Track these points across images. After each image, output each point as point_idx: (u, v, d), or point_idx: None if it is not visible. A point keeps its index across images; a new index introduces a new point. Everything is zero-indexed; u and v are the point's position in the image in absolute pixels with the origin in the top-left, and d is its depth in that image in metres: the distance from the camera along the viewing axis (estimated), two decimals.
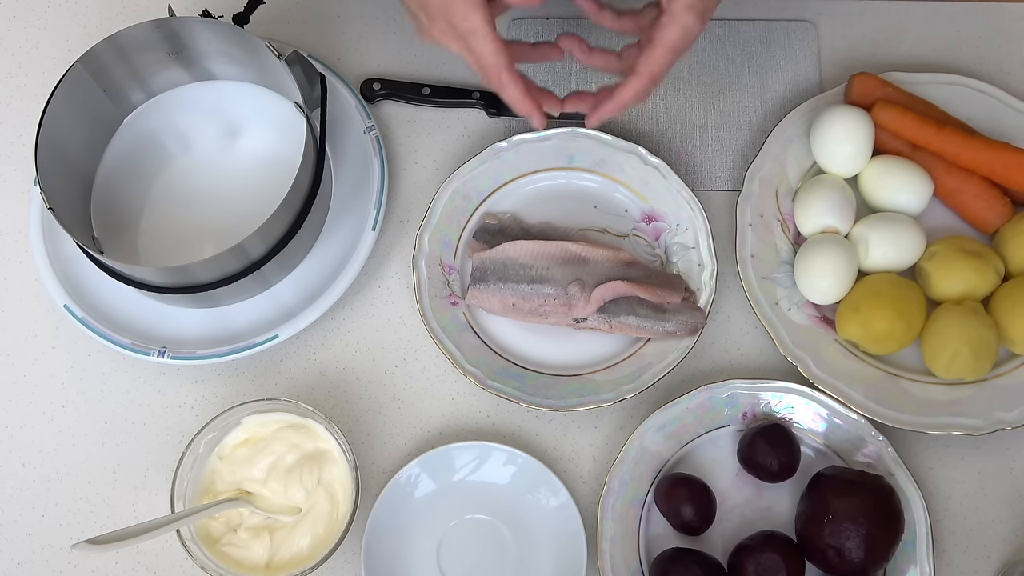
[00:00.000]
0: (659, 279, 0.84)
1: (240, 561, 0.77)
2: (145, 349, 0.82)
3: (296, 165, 0.78)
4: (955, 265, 0.81)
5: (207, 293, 0.81)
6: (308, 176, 0.81)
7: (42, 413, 0.85)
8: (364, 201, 0.86)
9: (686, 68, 0.93)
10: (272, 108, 0.89)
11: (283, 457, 0.79)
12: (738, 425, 0.81)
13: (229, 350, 0.82)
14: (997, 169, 0.83)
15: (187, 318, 0.85)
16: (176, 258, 0.85)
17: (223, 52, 0.86)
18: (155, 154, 0.89)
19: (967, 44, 0.93)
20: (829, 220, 0.83)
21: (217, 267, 0.79)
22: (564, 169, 0.89)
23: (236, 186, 0.88)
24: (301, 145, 0.79)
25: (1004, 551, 0.80)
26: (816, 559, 0.75)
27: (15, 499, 0.83)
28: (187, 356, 0.82)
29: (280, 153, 0.87)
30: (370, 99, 0.91)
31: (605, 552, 0.77)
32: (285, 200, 0.78)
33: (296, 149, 0.79)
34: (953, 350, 0.79)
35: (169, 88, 0.90)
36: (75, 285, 0.85)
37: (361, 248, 0.85)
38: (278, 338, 0.82)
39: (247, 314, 0.85)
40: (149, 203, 0.88)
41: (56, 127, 0.81)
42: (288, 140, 0.87)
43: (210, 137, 0.90)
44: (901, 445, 0.81)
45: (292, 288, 0.85)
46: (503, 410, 0.84)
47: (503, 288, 0.84)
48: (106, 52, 0.82)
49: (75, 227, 0.80)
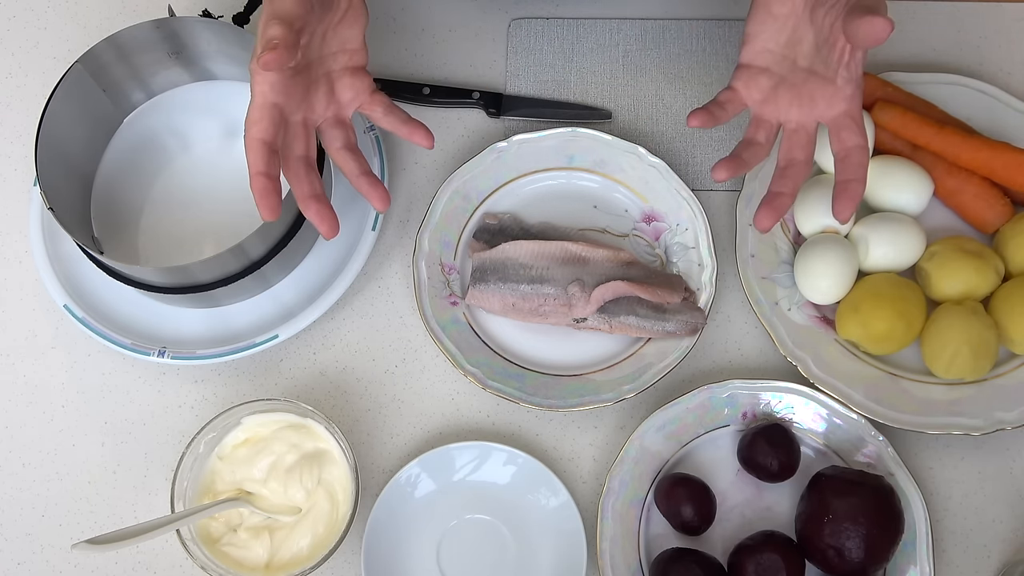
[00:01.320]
0: (659, 279, 0.84)
1: (240, 561, 0.77)
2: (145, 349, 0.82)
3: None
4: (955, 265, 0.81)
5: (207, 293, 0.81)
6: None
7: (42, 413, 0.85)
8: (364, 202, 0.86)
9: (686, 68, 0.93)
10: None
11: (283, 457, 0.79)
12: (738, 425, 0.81)
13: (229, 350, 0.82)
14: (997, 169, 0.83)
15: (187, 318, 0.85)
16: (176, 258, 0.85)
17: (223, 52, 0.86)
18: (155, 154, 0.89)
19: (967, 44, 0.93)
20: (829, 220, 0.83)
21: (217, 267, 0.79)
22: (564, 169, 0.89)
23: (236, 186, 0.88)
24: None
25: (1004, 551, 0.80)
26: (816, 559, 0.75)
27: (15, 499, 0.83)
28: (187, 356, 0.82)
29: None
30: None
31: (605, 552, 0.77)
32: (285, 200, 0.77)
33: None
34: (953, 350, 0.79)
35: (169, 88, 0.90)
36: (75, 285, 0.85)
37: (361, 248, 0.85)
38: (278, 338, 0.82)
39: (247, 314, 0.85)
40: (149, 203, 0.88)
41: (56, 127, 0.81)
42: None
43: (210, 137, 0.90)
44: (901, 445, 0.81)
45: (292, 288, 0.85)
46: (503, 410, 0.84)
47: (503, 288, 0.84)
48: (106, 52, 0.82)
49: (75, 227, 0.80)
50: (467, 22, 0.95)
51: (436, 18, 0.95)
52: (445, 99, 0.92)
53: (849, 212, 0.70)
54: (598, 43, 0.94)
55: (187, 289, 0.80)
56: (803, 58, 0.72)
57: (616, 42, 0.94)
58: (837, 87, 0.71)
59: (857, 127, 0.70)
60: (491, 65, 0.94)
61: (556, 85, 0.93)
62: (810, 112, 0.72)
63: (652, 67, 0.93)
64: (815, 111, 0.72)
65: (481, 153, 0.87)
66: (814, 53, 0.71)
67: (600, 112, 0.91)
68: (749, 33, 0.73)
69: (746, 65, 0.73)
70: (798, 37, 0.72)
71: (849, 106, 0.71)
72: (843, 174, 0.71)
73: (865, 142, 0.71)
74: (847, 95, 0.71)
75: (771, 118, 0.73)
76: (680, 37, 0.93)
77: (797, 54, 0.72)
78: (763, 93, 0.73)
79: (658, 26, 0.94)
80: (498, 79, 0.93)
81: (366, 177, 0.74)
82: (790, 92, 0.72)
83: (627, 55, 0.93)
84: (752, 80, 0.73)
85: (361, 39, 0.74)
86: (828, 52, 0.70)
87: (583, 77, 0.93)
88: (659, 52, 0.93)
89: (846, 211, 0.70)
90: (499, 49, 0.94)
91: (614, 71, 0.93)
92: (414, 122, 0.75)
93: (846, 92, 0.70)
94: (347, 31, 0.73)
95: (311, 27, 0.69)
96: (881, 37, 0.65)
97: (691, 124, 0.71)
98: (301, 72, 0.70)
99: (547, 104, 0.91)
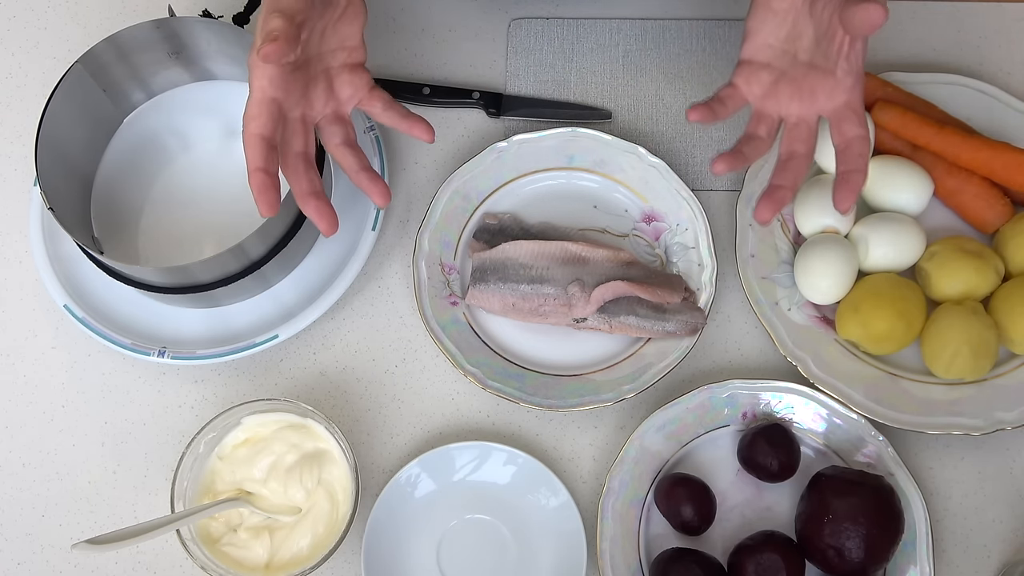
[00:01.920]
0: (659, 279, 0.84)
1: (240, 561, 0.77)
2: (145, 349, 0.82)
3: None
4: (955, 265, 0.81)
5: (207, 293, 0.81)
6: None
7: (42, 413, 0.85)
8: (364, 201, 0.86)
9: (686, 68, 0.93)
10: None
11: (283, 457, 0.79)
12: (738, 425, 0.81)
13: (229, 350, 0.82)
14: (997, 169, 0.83)
15: (187, 318, 0.85)
16: (176, 258, 0.85)
17: (223, 52, 0.86)
18: (155, 154, 0.89)
19: (967, 44, 0.93)
20: (829, 220, 0.83)
21: (217, 267, 0.79)
22: (564, 169, 0.89)
23: (236, 186, 0.87)
24: None
25: (1004, 551, 0.80)
26: (816, 559, 0.75)
27: (15, 499, 0.83)
28: (187, 356, 0.82)
29: None
30: None
31: (605, 552, 0.77)
32: (285, 200, 0.77)
33: None
34: (953, 350, 0.79)
35: (169, 88, 0.90)
36: (75, 285, 0.85)
37: (361, 248, 0.85)
38: (278, 338, 0.82)
39: (247, 314, 0.85)
40: (149, 203, 0.88)
41: (56, 127, 0.81)
42: None
43: (210, 137, 0.89)
44: (901, 445, 0.81)
45: (292, 288, 0.85)
46: (503, 410, 0.84)
47: (503, 288, 0.84)
48: (106, 52, 0.82)
49: (75, 227, 0.80)
50: (467, 22, 0.95)
51: (436, 18, 0.95)
52: (445, 99, 0.92)
53: (850, 203, 0.70)
54: (598, 43, 0.94)
55: (187, 289, 0.80)
56: (803, 52, 0.72)
57: (616, 42, 0.94)
58: (837, 79, 0.71)
59: (858, 118, 0.71)
60: (491, 65, 0.94)
61: (556, 85, 0.93)
62: (811, 106, 0.72)
63: (652, 67, 0.93)
64: (816, 104, 0.72)
65: (481, 153, 0.87)
66: (814, 47, 0.71)
67: (600, 112, 0.91)
68: (749, 29, 0.73)
69: (747, 61, 0.74)
70: (798, 32, 0.72)
71: (849, 97, 0.71)
72: (844, 165, 0.71)
73: (866, 133, 0.71)
74: (847, 87, 0.71)
75: (772, 113, 0.73)
76: (680, 37, 0.93)
77: (797, 49, 0.72)
78: (764, 88, 0.73)
79: (658, 26, 0.94)
80: (498, 79, 0.93)
81: (366, 172, 0.74)
82: (791, 86, 0.72)
83: (627, 55, 0.93)
84: (753, 76, 0.73)
85: (360, 36, 0.74)
86: (828, 45, 0.70)
87: (583, 77, 0.93)
88: (659, 52, 0.93)
89: (847, 201, 0.70)
90: (499, 49, 0.94)
91: (614, 71, 0.93)
92: (414, 116, 0.75)
93: (846, 84, 0.71)
94: (346, 28, 0.73)
95: (311, 22, 0.70)
96: (876, 22, 0.65)
97: (691, 118, 0.71)
98: (300, 68, 0.71)
99: (547, 104, 0.91)
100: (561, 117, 0.91)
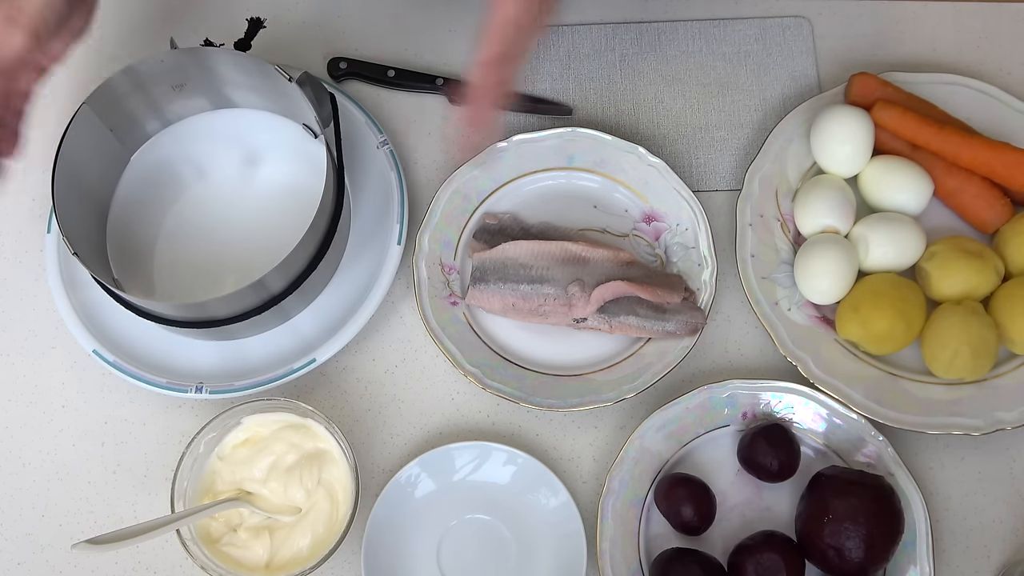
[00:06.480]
0: (659, 279, 0.84)
1: (240, 561, 0.77)
2: (182, 387, 0.81)
3: (317, 191, 0.77)
4: (955, 265, 0.81)
5: (224, 328, 0.80)
6: (331, 200, 0.80)
7: (42, 413, 0.85)
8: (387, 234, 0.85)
9: (684, 70, 0.93)
10: (285, 134, 0.88)
11: (283, 457, 0.79)
12: (738, 425, 0.81)
13: (267, 379, 0.81)
14: (997, 169, 0.84)
15: (206, 350, 0.84)
16: (193, 290, 0.84)
17: (228, 79, 0.85)
18: (168, 184, 0.88)
19: (967, 44, 0.93)
20: (829, 220, 0.83)
21: (236, 302, 0.78)
22: (564, 169, 0.89)
23: (252, 216, 0.86)
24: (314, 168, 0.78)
25: (1004, 551, 0.80)
26: (816, 559, 0.75)
27: (15, 499, 0.83)
28: (226, 390, 0.81)
29: (295, 180, 0.86)
30: (336, 77, 0.92)
31: (605, 552, 0.77)
32: (312, 226, 0.76)
33: (309, 173, 0.78)
34: (953, 350, 0.79)
35: (176, 120, 0.89)
36: (100, 327, 0.83)
37: (389, 262, 0.84)
38: (315, 363, 0.82)
39: (267, 344, 0.84)
40: (164, 234, 0.87)
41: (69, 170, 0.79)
42: (301, 165, 0.86)
43: (223, 166, 0.88)
44: (901, 445, 0.81)
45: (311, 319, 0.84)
46: (503, 410, 0.84)
47: (503, 288, 0.84)
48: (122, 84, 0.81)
49: (95, 265, 0.79)
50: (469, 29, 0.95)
51: (437, 18, 0.95)
52: (408, 82, 0.91)
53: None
54: (594, 48, 0.94)
55: (204, 324, 0.79)
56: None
57: (612, 47, 0.94)
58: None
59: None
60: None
61: (554, 94, 0.92)
62: None
63: (649, 70, 0.93)
64: None
65: (481, 153, 0.87)
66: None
67: (560, 108, 0.91)
68: None
69: None
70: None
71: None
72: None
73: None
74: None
75: None
76: (676, 39, 0.93)
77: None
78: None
79: (653, 29, 0.94)
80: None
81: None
82: None
83: (624, 59, 0.93)
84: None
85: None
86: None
87: (581, 84, 0.93)
88: (656, 55, 0.93)
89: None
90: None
91: (612, 76, 0.93)
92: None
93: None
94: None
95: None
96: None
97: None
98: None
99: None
100: (520, 109, 0.91)
